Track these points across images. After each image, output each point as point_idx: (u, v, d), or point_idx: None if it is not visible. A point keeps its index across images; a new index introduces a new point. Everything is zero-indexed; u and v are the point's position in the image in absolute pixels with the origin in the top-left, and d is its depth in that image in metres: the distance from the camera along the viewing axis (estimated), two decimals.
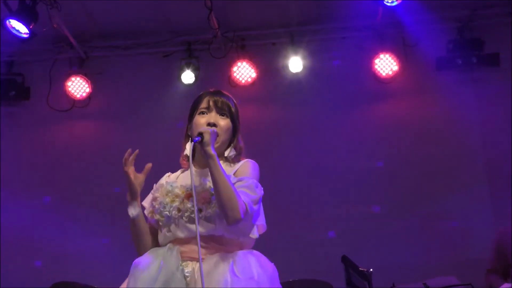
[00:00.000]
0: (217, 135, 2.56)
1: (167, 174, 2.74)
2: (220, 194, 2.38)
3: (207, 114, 2.63)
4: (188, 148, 2.50)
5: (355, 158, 5.85)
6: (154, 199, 2.60)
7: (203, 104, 2.66)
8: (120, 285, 2.57)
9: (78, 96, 6.23)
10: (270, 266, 2.55)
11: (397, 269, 5.18)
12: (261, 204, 2.57)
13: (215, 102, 2.65)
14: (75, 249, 5.77)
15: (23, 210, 5.90)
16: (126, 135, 6.08)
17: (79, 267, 5.56)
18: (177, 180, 2.63)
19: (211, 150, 2.43)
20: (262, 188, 2.55)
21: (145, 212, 2.64)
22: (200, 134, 2.45)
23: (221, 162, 2.50)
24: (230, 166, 2.63)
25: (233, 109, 2.68)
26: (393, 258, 5.40)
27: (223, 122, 2.62)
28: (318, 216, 5.76)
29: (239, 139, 2.70)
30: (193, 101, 2.72)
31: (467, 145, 5.79)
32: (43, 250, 5.84)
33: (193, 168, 2.52)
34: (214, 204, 2.45)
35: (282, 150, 5.93)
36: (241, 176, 2.53)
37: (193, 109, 2.69)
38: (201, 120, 2.61)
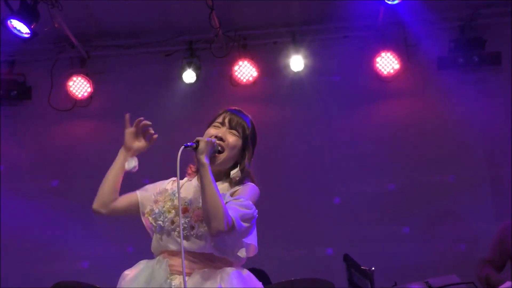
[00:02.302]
0: (217, 148, 2.52)
1: (173, 179, 2.70)
2: (206, 203, 2.36)
3: (219, 128, 2.62)
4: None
5: (356, 157, 5.85)
6: (156, 201, 2.59)
7: (219, 119, 2.65)
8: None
9: (79, 95, 6.23)
10: (257, 285, 2.55)
11: (399, 268, 5.18)
12: (255, 226, 2.52)
13: (230, 120, 2.63)
14: (77, 248, 5.78)
15: (24, 210, 5.90)
16: None
17: (81, 267, 5.56)
18: (181, 191, 2.59)
19: (204, 159, 2.40)
20: (257, 211, 2.50)
21: (145, 210, 2.63)
22: (196, 142, 2.44)
23: (222, 180, 2.53)
24: (231, 187, 2.59)
25: (247, 131, 2.65)
26: (395, 257, 5.39)
27: (231, 139, 2.59)
28: (320, 215, 5.76)
29: (247, 163, 2.63)
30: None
31: (468, 144, 5.78)
32: (44, 249, 5.84)
33: (195, 183, 2.56)
34: None
35: (283, 149, 5.93)
36: (237, 195, 2.50)
37: (211, 122, 2.68)
38: (211, 131, 2.60)
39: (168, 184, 2.68)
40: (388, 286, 4.44)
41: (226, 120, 2.63)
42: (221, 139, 2.56)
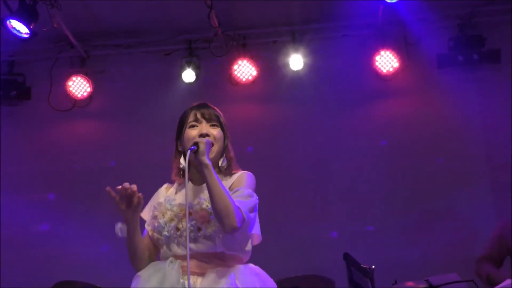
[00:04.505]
0: (212, 145, 2.57)
1: (165, 186, 2.75)
2: (215, 202, 2.39)
3: (197, 126, 2.64)
4: (183, 161, 2.55)
5: (356, 155, 5.85)
6: (154, 217, 2.62)
7: (191, 118, 2.67)
8: (122, 284, 2.58)
9: (79, 95, 6.23)
10: (271, 282, 2.58)
11: (399, 266, 5.18)
12: (257, 213, 2.57)
13: (203, 114, 2.66)
14: (77, 248, 5.78)
15: (24, 210, 5.90)
16: (127, 134, 6.09)
17: (81, 266, 5.56)
18: (175, 198, 2.63)
19: (206, 160, 2.44)
20: (258, 197, 2.56)
21: (146, 228, 2.66)
22: (196, 144, 2.47)
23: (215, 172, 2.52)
24: (226, 179, 2.63)
25: (221, 119, 2.70)
26: (395, 255, 5.39)
27: (215, 131, 2.64)
28: (321, 213, 5.76)
29: (229, 148, 2.71)
30: (179, 119, 2.73)
31: (468, 142, 5.78)
32: (45, 249, 5.85)
33: (192, 186, 2.58)
34: (213, 222, 2.47)
35: (283, 148, 5.93)
36: (237, 187, 2.55)
37: (181, 125, 2.69)
38: (192, 133, 2.62)
39: (162, 195, 2.70)
40: (388, 285, 4.44)
41: (200, 116, 2.66)
42: (207, 135, 2.59)
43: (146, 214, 2.70)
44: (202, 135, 2.58)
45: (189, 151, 2.44)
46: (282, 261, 5.23)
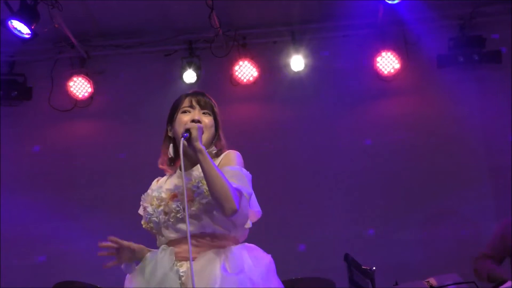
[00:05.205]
0: (203, 132, 2.55)
1: (156, 180, 2.74)
2: (213, 187, 2.37)
3: (190, 112, 2.63)
4: (171, 151, 2.59)
5: (356, 156, 5.85)
6: (144, 209, 2.62)
7: (185, 104, 2.66)
8: (122, 284, 2.57)
9: (79, 95, 6.23)
10: (266, 258, 2.53)
11: (400, 267, 5.18)
12: (252, 189, 2.52)
13: (198, 101, 2.66)
14: (77, 248, 5.77)
15: (24, 210, 5.90)
16: (127, 134, 6.09)
17: (82, 266, 5.56)
18: (163, 185, 2.63)
19: (199, 145, 2.43)
20: (248, 172, 2.54)
21: (142, 223, 2.65)
22: (188, 131, 2.45)
23: None
24: (214, 160, 2.58)
25: (215, 108, 2.69)
26: (396, 256, 5.39)
27: (207, 119, 2.63)
28: (321, 214, 5.76)
29: (221, 136, 2.70)
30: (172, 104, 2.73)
31: (469, 142, 5.78)
32: (45, 249, 5.85)
33: (177, 173, 2.59)
34: (197, 200, 2.45)
35: (283, 149, 5.93)
36: (225, 166, 2.52)
37: (174, 110, 2.68)
38: (184, 118, 2.61)
39: (149, 189, 2.69)
40: (389, 285, 4.44)
41: (195, 103, 2.65)
42: (198, 121, 2.59)
43: (141, 211, 2.69)
44: (193, 121, 2.58)
45: (182, 139, 2.43)
46: (282, 262, 5.21)
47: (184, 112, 2.64)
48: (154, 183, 2.73)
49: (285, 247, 5.49)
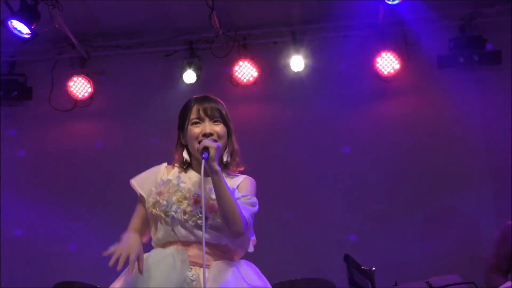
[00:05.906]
0: (219, 152, 2.54)
1: (165, 166, 2.73)
2: (224, 209, 2.44)
3: (200, 124, 2.63)
4: (186, 154, 2.65)
5: (357, 157, 5.85)
6: (159, 193, 2.59)
7: (193, 115, 2.65)
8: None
9: (80, 96, 6.23)
10: (265, 279, 2.64)
11: (400, 268, 5.18)
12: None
13: (205, 110, 2.64)
14: (77, 248, 5.78)
15: (24, 210, 5.90)
16: (128, 134, 6.09)
17: (81, 266, 5.56)
18: (184, 180, 2.62)
19: (216, 166, 2.45)
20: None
21: (147, 202, 2.62)
22: (206, 149, 2.46)
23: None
24: (230, 178, 2.66)
25: (224, 113, 2.69)
26: (395, 257, 5.39)
27: (218, 128, 2.63)
28: (321, 215, 5.76)
29: (233, 141, 2.71)
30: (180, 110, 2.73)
31: (469, 143, 5.78)
32: (45, 249, 5.84)
33: (193, 174, 2.62)
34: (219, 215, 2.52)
35: (284, 149, 5.93)
36: (243, 191, 2.61)
37: (183, 118, 2.69)
38: (195, 130, 2.61)
39: (163, 174, 2.68)
40: (389, 286, 4.44)
41: (202, 113, 2.64)
42: (210, 134, 2.59)
43: (143, 186, 2.67)
44: (205, 135, 2.58)
45: (203, 160, 2.44)
46: (282, 263, 5.23)
47: (194, 123, 2.64)
48: (164, 170, 2.70)
49: (285, 247, 5.50)
